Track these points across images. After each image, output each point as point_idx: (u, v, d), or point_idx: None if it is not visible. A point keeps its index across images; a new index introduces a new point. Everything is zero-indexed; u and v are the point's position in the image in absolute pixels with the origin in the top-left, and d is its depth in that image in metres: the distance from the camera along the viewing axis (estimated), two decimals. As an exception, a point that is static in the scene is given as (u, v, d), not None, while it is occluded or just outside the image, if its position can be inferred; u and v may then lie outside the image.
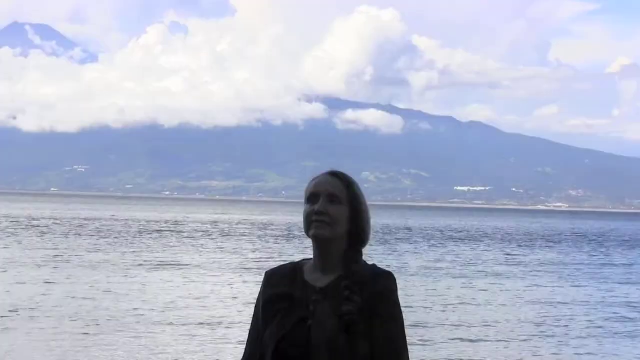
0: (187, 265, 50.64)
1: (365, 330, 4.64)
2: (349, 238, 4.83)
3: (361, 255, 4.85)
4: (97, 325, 26.91)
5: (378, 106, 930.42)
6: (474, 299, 38.00)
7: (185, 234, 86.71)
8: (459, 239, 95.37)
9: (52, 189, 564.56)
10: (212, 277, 43.70)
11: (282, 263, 36.13)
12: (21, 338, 24.39)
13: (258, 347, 4.82)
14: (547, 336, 28.36)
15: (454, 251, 71.95)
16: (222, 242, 74.88)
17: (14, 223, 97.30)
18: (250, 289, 37.92)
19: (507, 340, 26.98)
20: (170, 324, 27.78)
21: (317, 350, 4.70)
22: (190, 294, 35.97)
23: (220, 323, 27.83)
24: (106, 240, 72.26)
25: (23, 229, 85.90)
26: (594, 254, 74.53)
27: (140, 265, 49.28)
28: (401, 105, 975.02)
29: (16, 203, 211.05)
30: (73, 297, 33.05)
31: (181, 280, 41.71)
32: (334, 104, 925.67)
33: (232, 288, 39.31)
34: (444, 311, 33.38)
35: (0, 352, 22.13)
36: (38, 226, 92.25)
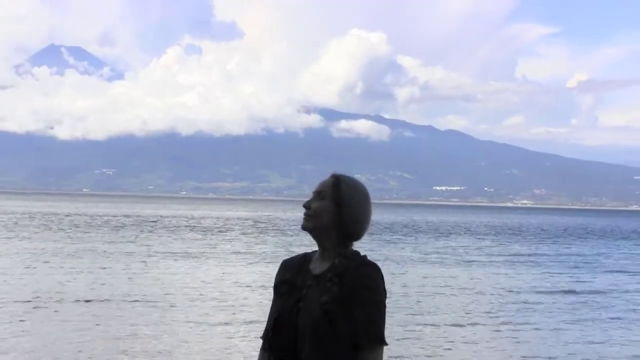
0: (204, 254, 50.39)
1: (346, 315, 4.60)
2: (337, 231, 4.82)
3: (347, 247, 4.81)
4: (132, 305, 26.69)
5: (368, 117, 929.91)
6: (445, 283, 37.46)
7: (202, 228, 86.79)
8: (438, 232, 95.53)
9: (84, 190, 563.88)
10: (226, 265, 43.52)
11: (285, 253, 36.84)
12: (58, 319, 23.98)
13: None
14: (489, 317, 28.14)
15: (432, 242, 72.21)
16: (233, 235, 74.66)
17: (54, 219, 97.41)
18: (257, 275, 38.13)
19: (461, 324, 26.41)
20: (193, 303, 27.55)
21: (303, 331, 4.69)
22: (205, 279, 35.81)
23: (232, 305, 27.61)
24: (133, 233, 72.37)
25: (60, 224, 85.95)
26: (554, 245, 74.70)
27: (165, 254, 49.05)
28: (387, 116, 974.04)
29: (53, 202, 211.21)
30: (103, 284, 33.05)
31: (199, 268, 41.60)
32: (329, 114, 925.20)
33: (242, 274, 38.86)
34: (404, 295, 33.08)
35: (43, 329, 21.86)
36: (74, 222, 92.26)
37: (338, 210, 4.82)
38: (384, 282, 4.69)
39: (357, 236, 4.88)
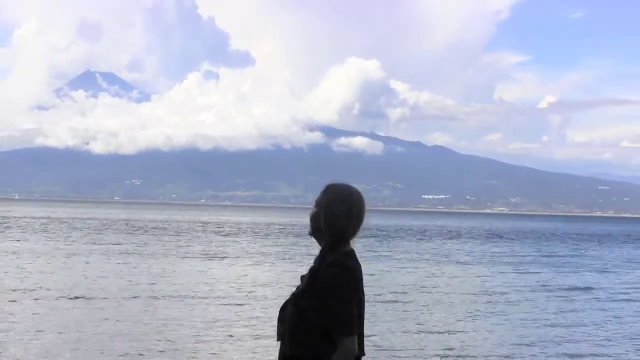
0: (223, 254, 49.97)
1: (317, 309, 4.61)
2: (327, 233, 4.88)
3: (335, 247, 4.80)
4: (158, 300, 26.74)
5: (364, 134, 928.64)
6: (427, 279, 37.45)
7: (221, 232, 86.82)
8: (424, 235, 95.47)
9: (115, 198, 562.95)
10: (243, 264, 43.34)
11: (292, 253, 36.67)
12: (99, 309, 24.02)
13: None
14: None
15: (420, 244, 72.36)
16: (247, 238, 74.60)
17: (91, 223, 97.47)
18: (270, 272, 38.07)
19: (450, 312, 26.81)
20: (217, 297, 27.37)
21: (284, 324, 4.81)
22: (227, 277, 35.66)
23: (250, 298, 27.61)
24: (160, 236, 72.16)
25: (96, 228, 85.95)
26: (528, 247, 74.74)
27: (190, 255, 48.92)
28: (381, 133, 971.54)
29: (89, 208, 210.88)
30: (129, 281, 33.20)
31: (220, 267, 41.40)
32: (330, 132, 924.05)
33: (257, 272, 38.62)
34: (400, 292, 33.08)
35: (86, 319, 21.83)
36: (107, 225, 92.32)
37: (323, 214, 4.86)
38: (351, 280, 4.65)
39: (342, 237, 4.83)
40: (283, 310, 4.89)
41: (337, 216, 4.82)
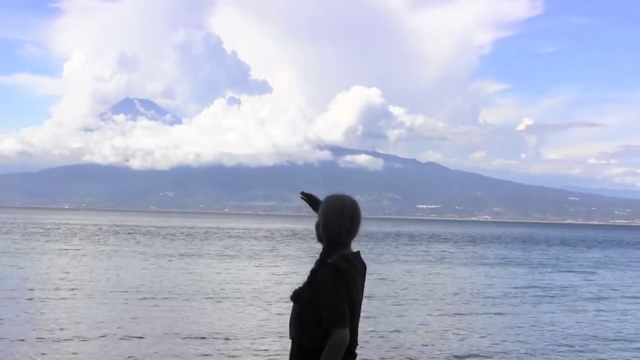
0: (245, 253, 49.94)
1: (312, 304, 4.67)
2: (325, 238, 4.91)
3: (324, 252, 4.83)
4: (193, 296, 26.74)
5: (366, 152, 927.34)
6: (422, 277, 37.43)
7: (243, 236, 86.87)
8: (420, 239, 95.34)
9: (151, 208, 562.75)
10: (263, 264, 43.28)
11: (304, 255, 36.54)
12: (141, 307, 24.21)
13: None
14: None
15: (415, 247, 72.37)
16: (266, 241, 74.55)
17: (132, 230, 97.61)
18: (289, 272, 37.92)
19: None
20: (240, 297, 27.02)
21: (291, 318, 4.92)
22: (249, 275, 35.72)
23: (264, 295, 27.37)
24: (192, 240, 72.37)
25: (137, 233, 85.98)
26: (509, 249, 74.63)
27: (219, 255, 48.82)
28: (381, 151, 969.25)
29: (129, 217, 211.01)
30: (163, 281, 33.34)
31: (242, 266, 41.30)
32: (337, 150, 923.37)
33: (273, 270, 38.57)
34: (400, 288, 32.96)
35: (126, 313, 21.91)
36: (145, 232, 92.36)
37: (321, 221, 4.90)
38: (341, 280, 4.64)
39: (337, 241, 4.84)
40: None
41: (332, 223, 4.83)
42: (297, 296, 4.78)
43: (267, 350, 16.57)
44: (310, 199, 5.43)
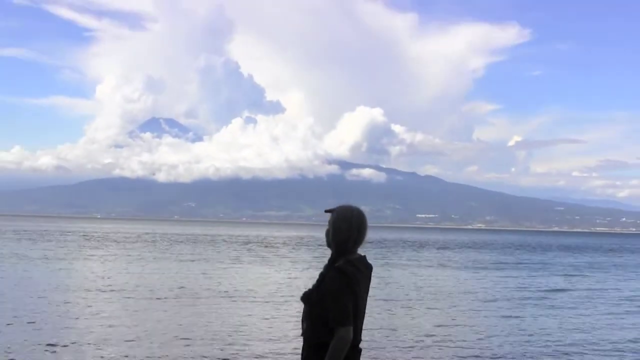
0: (261, 258, 49.76)
1: (320, 305, 4.72)
2: (333, 245, 4.98)
3: (333, 257, 4.91)
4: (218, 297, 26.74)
5: (370, 166, 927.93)
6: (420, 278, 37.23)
7: (261, 243, 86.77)
8: (418, 245, 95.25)
9: (175, 217, 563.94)
10: (278, 268, 43.14)
11: (315, 260, 36.14)
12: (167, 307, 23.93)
13: None
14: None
15: (415, 251, 72.19)
16: (280, 247, 74.62)
17: (159, 237, 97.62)
18: (301, 276, 37.90)
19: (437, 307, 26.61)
20: (262, 299, 26.81)
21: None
22: (265, 278, 35.61)
23: (283, 297, 27.22)
24: (213, 246, 72.54)
25: (164, 239, 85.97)
26: (503, 255, 74.43)
27: (237, 260, 48.73)
28: (384, 166, 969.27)
29: (155, 225, 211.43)
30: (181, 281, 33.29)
31: (261, 270, 41.25)
32: (344, 165, 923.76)
33: (291, 274, 38.63)
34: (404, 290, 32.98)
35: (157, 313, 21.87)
36: (171, 238, 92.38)
37: (331, 229, 4.97)
38: (347, 283, 4.71)
39: (345, 247, 4.90)
40: None
41: (340, 231, 4.89)
42: (307, 297, 4.85)
43: (283, 349, 16.35)
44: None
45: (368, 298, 5.05)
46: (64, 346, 15.67)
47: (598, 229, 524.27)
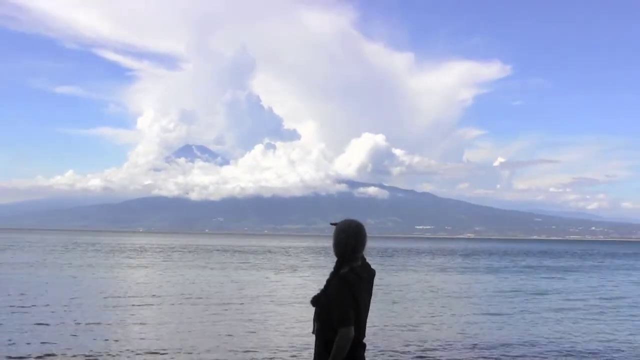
0: (279, 265, 49.90)
1: (326, 308, 4.73)
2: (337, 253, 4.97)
3: (336, 266, 4.90)
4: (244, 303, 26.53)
5: (374, 185, 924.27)
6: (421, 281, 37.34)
7: (282, 253, 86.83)
8: (417, 252, 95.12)
9: (206, 230, 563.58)
10: (298, 275, 43.28)
11: (324, 267, 35.84)
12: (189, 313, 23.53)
13: None
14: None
15: (414, 258, 72.13)
16: (296, 256, 74.87)
17: (194, 248, 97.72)
18: (317, 282, 37.79)
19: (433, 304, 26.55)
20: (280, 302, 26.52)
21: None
22: (284, 282, 35.68)
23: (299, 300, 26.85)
24: (240, 255, 72.86)
25: (195, 252, 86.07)
26: (490, 261, 74.26)
27: (260, 267, 49.02)
28: (387, 184, 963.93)
29: (190, 238, 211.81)
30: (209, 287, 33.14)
31: (281, 278, 41.26)
32: (352, 184, 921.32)
33: (303, 279, 38.63)
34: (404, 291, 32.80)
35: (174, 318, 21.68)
36: (205, 250, 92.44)
37: (333, 240, 4.96)
38: (348, 288, 4.71)
39: (345, 256, 4.90)
40: None
41: (339, 242, 4.90)
42: (316, 301, 4.85)
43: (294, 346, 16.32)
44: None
45: (372, 300, 5.10)
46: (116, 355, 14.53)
47: (571, 237, 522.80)
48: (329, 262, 60.02)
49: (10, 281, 32.33)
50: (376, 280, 5.09)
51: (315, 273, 44.87)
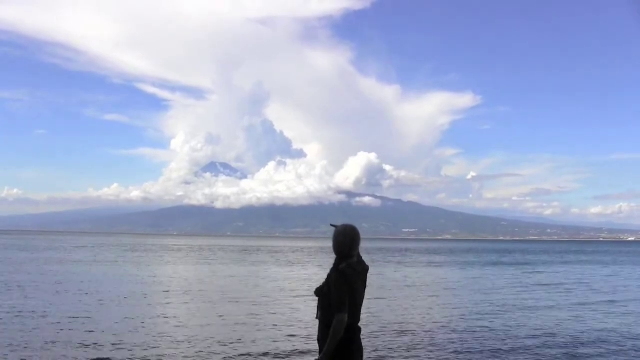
0: (289, 261, 49.61)
1: (327, 296, 4.73)
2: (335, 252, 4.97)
3: (336, 262, 4.90)
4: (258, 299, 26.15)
5: (368, 195, 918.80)
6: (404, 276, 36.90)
7: (291, 252, 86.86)
8: (404, 252, 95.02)
9: (227, 233, 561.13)
10: (304, 270, 43.02)
11: (326, 263, 35.41)
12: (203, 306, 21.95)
13: None
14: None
15: (405, 256, 72.36)
16: (303, 254, 74.83)
17: (217, 248, 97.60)
18: (321, 275, 36.97)
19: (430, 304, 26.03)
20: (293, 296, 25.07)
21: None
22: (295, 278, 35.42)
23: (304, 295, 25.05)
24: (255, 254, 72.15)
25: (214, 251, 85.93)
26: (467, 259, 74.23)
27: (272, 263, 48.62)
28: (379, 195, 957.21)
29: (214, 239, 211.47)
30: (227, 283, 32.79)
31: (291, 272, 40.79)
32: (350, 194, 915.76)
33: (308, 274, 38.01)
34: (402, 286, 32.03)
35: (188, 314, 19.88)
36: (223, 250, 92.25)
37: (333, 242, 4.97)
38: (345, 281, 4.71)
39: (342, 255, 4.90)
40: None
41: (337, 242, 4.91)
42: (320, 291, 4.84)
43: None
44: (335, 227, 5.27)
45: (367, 291, 5.09)
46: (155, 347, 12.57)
47: (531, 237, 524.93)
48: (330, 259, 60.42)
49: (123, 275, 32.56)
50: (369, 273, 5.06)
51: (318, 268, 44.61)
